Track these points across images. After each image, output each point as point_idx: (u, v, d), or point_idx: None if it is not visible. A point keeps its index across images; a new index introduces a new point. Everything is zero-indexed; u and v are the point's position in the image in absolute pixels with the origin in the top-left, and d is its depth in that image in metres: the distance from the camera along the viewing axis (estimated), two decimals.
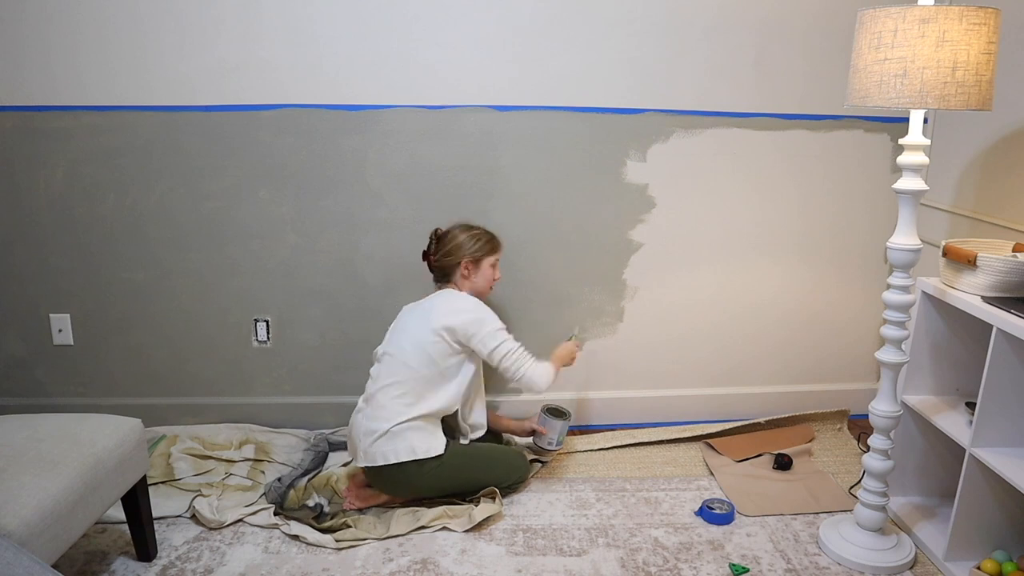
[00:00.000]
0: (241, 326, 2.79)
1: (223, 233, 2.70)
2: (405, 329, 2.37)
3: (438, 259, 2.42)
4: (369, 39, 2.56)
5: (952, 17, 1.69)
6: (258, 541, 2.21)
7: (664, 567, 2.12)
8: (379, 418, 2.26)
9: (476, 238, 2.43)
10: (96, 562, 2.12)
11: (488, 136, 2.67)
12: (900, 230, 1.94)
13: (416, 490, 2.31)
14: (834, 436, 2.88)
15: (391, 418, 2.25)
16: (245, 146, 2.63)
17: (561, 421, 2.58)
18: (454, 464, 2.30)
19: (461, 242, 2.40)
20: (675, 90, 2.67)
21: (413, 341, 2.31)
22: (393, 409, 2.26)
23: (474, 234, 2.43)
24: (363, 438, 2.27)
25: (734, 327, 2.93)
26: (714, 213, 2.80)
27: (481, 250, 2.43)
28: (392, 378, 2.29)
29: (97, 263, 2.71)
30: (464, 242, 2.41)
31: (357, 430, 2.31)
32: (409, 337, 2.33)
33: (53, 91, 2.55)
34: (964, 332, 2.23)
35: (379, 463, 2.24)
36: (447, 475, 2.29)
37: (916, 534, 2.22)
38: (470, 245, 2.41)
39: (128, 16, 2.49)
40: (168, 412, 2.84)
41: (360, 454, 2.29)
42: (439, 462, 2.26)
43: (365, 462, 2.27)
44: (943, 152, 2.66)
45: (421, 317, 2.34)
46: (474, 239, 2.42)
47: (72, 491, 1.73)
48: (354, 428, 2.34)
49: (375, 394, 2.31)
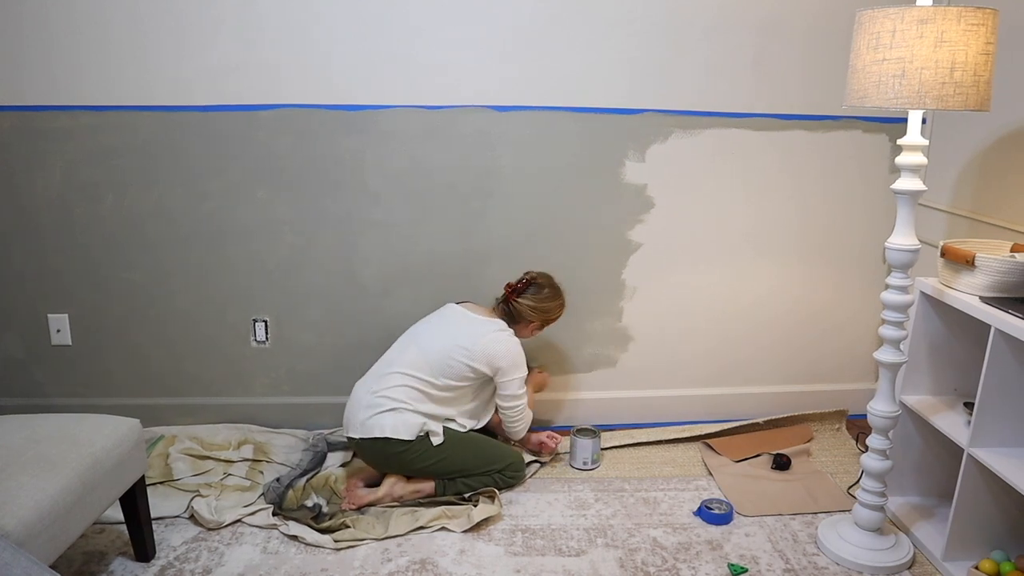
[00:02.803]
0: (239, 326, 2.79)
1: (222, 233, 2.70)
2: (441, 336, 2.40)
3: (519, 304, 2.47)
4: (367, 40, 2.56)
5: (950, 18, 1.69)
6: (257, 541, 2.21)
7: (663, 567, 2.12)
8: (386, 397, 2.31)
9: (559, 308, 2.54)
10: (94, 562, 2.11)
11: (487, 136, 2.67)
12: (898, 230, 1.94)
13: (402, 467, 2.34)
14: (832, 436, 2.88)
15: (397, 400, 2.31)
16: (244, 146, 2.63)
17: (592, 440, 2.62)
18: (446, 447, 2.34)
19: (547, 307, 2.50)
20: (674, 90, 2.68)
21: (442, 352, 2.35)
22: (401, 395, 2.32)
23: (560, 303, 2.53)
24: (363, 411, 2.32)
25: (733, 327, 2.93)
26: (713, 213, 2.80)
27: (554, 319, 2.54)
28: (407, 370, 2.35)
29: (95, 263, 2.71)
30: (550, 308, 2.50)
31: (358, 403, 2.36)
32: (441, 345, 2.37)
33: (52, 91, 2.54)
34: (962, 332, 2.23)
35: (375, 435, 2.28)
36: (437, 456, 2.33)
37: (914, 534, 2.23)
38: (552, 312, 2.52)
39: (127, 16, 2.49)
40: (166, 412, 2.84)
41: (357, 425, 2.33)
42: (431, 443, 2.32)
43: (361, 433, 2.31)
44: (941, 152, 2.67)
45: (462, 337, 2.37)
46: (557, 308, 2.53)
47: (70, 491, 1.73)
48: (355, 399, 2.38)
49: (388, 375, 2.35)
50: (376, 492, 2.36)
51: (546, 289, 2.50)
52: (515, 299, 2.47)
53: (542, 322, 2.52)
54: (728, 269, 2.87)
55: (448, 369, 2.34)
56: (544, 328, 2.56)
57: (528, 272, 2.55)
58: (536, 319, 2.49)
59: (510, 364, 2.39)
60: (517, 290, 2.49)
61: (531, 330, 2.52)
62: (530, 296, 2.48)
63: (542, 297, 2.49)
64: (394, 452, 2.29)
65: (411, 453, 2.30)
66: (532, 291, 2.48)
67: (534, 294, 2.48)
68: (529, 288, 2.49)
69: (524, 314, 2.47)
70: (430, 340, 2.40)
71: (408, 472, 2.36)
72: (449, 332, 2.40)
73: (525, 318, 2.48)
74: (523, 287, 2.49)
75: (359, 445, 2.35)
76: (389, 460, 2.33)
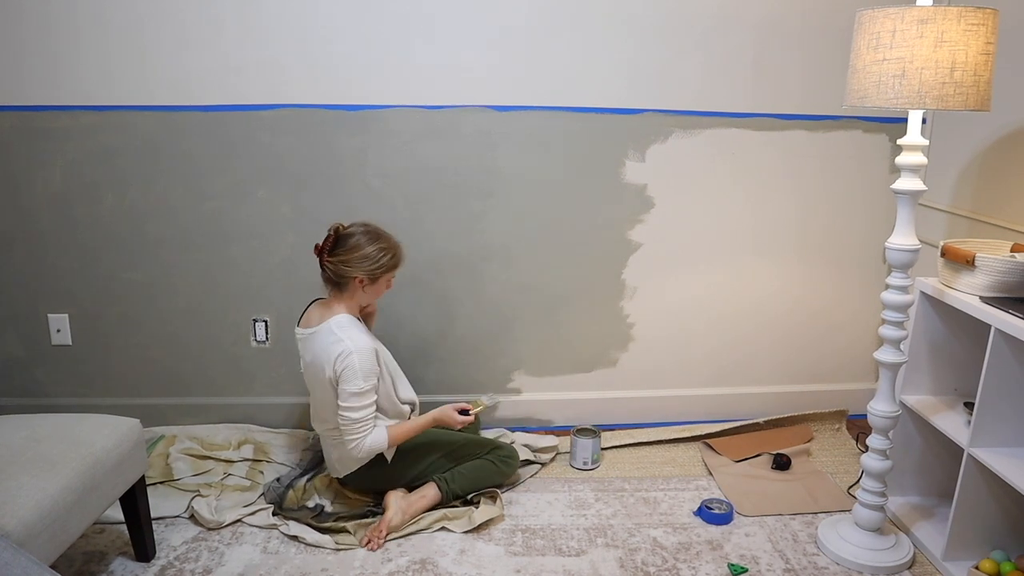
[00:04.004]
0: (240, 326, 2.79)
1: (222, 233, 2.70)
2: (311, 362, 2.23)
3: (333, 263, 2.17)
4: (369, 39, 2.56)
5: (950, 18, 1.69)
6: (257, 541, 2.21)
7: (663, 567, 2.12)
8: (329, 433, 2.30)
9: (382, 252, 2.19)
10: (94, 562, 2.11)
11: (487, 136, 2.67)
12: (898, 230, 1.94)
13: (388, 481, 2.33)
14: (833, 436, 2.88)
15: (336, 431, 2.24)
16: (245, 146, 2.63)
17: (593, 440, 2.61)
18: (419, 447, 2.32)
19: (365, 254, 2.17)
20: (674, 90, 2.68)
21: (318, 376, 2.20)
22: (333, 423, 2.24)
23: (381, 247, 2.19)
24: (331, 451, 2.33)
25: (733, 327, 2.93)
26: (713, 213, 2.80)
27: (383, 267, 2.21)
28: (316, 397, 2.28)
29: (96, 263, 2.71)
30: (369, 255, 2.17)
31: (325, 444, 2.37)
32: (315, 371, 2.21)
33: (52, 91, 2.54)
34: (962, 332, 2.23)
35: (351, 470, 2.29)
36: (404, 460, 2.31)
37: (914, 534, 2.23)
38: (373, 260, 2.18)
39: (128, 15, 2.49)
40: (167, 412, 2.84)
41: (337, 466, 2.34)
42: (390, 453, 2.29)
43: (342, 472, 2.32)
44: (941, 152, 2.66)
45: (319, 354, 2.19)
46: (380, 253, 2.19)
47: (70, 491, 1.73)
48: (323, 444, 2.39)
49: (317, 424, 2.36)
50: (387, 518, 2.23)
51: (355, 237, 2.18)
52: (327, 260, 2.18)
53: (368, 276, 2.18)
54: (728, 269, 2.87)
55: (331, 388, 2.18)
56: (379, 283, 2.23)
57: (333, 224, 2.22)
58: (358, 273, 2.17)
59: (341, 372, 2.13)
60: (324, 249, 2.19)
61: (364, 289, 2.21)
62: (341, 251, 2.17)
63: (351, 246, 2.16)
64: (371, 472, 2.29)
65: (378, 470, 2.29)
66: (341, 244, 2.17)
67: (345, 247, 2.17)
68: (338, 242, 2.18)
69: (343, 272, 2.16)
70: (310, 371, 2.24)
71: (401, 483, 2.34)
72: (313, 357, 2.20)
73: (346, 277, 2.17)
74: (330, 243, 2.18)
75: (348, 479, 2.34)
76: (375, 481, 2.33)
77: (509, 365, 2.88)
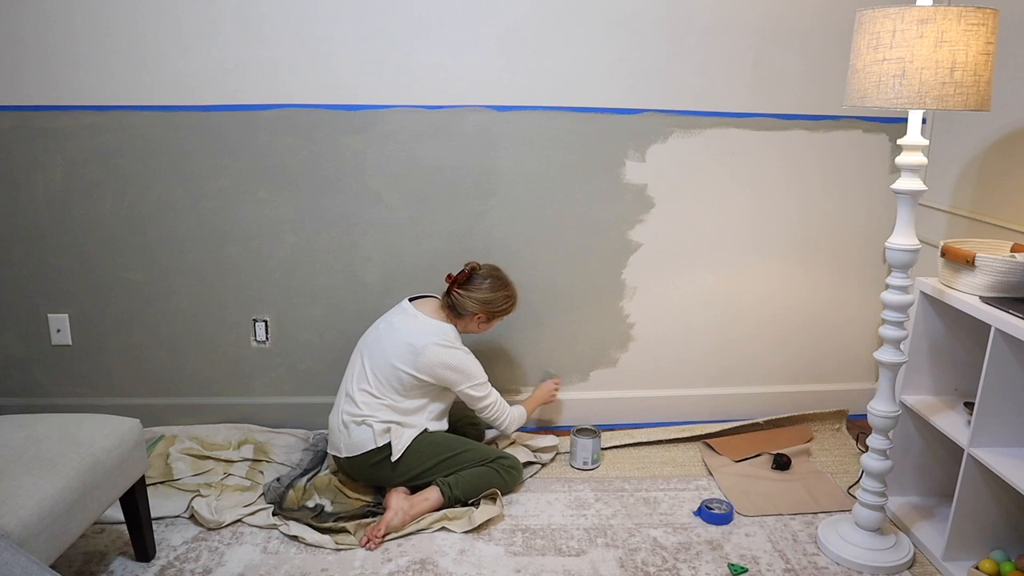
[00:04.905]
0: (240, 326, 2.79)
1: (222, 233, 2.70)
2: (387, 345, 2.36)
3: (460, 296, 2.40)
4: (368, 39, 2.56)
5: (950, 17, 1.69)
6: (257, 541, 2.21)
7: (663, 567, 2.12)
8: (356, 413, 2.33)
9: (505, 299, 2.45)
10: (94, 562, 2.11)
11: (487, 136, 2.67)
12: (898, 230, 1.94)
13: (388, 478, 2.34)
14: (833, 436, 2.88)
15: (367, 413, 2.32)
16: (244, 146, 2.63)
17: (593, 440, 2.61)
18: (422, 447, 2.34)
19: (490, 299, 2.41)
20: (674, 90, 2.68)
21: (389, 364, 2.34)
22: (369, 407, 2.33)
23: (505, 295, 2.45)
24: (342, 430, 2.36)
25: (733, 327, 2.93)
26: (713, 213, 2.80)
27: (501, 311, 2.46)
28: (366, 384, 2.35)
29: (96, 263, 2.71)
30: (492, 299, 2.41)
31: (337, 422, 2.39)
32: (387, 357, 2.34)
33: (52, 91, 2.54)
34: (962, 332, 2.23)
35: (364, 450, 2.31)
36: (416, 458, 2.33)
37: (915, 534, 2.23)
38: (495, 304, 2.43)
39: (127, 16, 2.49)
40: (166, 412, 2.84)
41: (342, 446, 2.35)
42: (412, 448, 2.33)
43: (347, 452, 2.34)
44: (941, 152, 2.67)
45: (407, 347, 2.33)
46: (502, 300, 2.44)
47: (70, 491, 1.73)
48: (334, 424, 2.41)
49: (353, 392, 2.37)
50: (386, 518, 2.23)
51: (488, 280, 2.42)
52: (455, 290, 2.41)
53: (487, 315, 2.43)
54: (728, 269, 2.87)
55: (398, 382, 2.33)
56: (493, 322, 2.48)
57: (469, 262, 2.48)
58: (479, 311, 2.41)
59: (457, 376, 2.35)
60: (457, 281, 2.42)
61: (477, 323, 2.44)
62: (471, 287, 2.40)
63: (483, 288, 2.40)
64: (376, 462, 2.31)
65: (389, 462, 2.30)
66: (473, 282, 2.41)
67: (475, 285, 2.41)
68: (470, 279, 2.42)
69: (466, 306, 2.40)
70: (377, 356, 2.36)
71: (399, 481, 2.35)
72: (392, 348, 2.34)
73: (468, 310, 2.40)
74: (463, 278, 2.41)
75: (349, 464, 2.36)
76: (377, 472, 2.34)
77: (509, 365, 2.88)
